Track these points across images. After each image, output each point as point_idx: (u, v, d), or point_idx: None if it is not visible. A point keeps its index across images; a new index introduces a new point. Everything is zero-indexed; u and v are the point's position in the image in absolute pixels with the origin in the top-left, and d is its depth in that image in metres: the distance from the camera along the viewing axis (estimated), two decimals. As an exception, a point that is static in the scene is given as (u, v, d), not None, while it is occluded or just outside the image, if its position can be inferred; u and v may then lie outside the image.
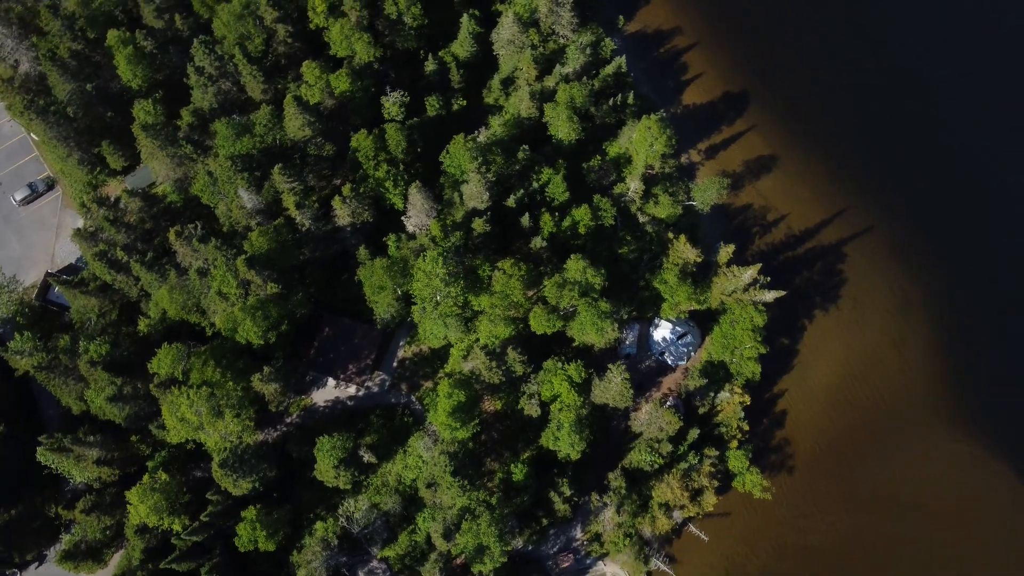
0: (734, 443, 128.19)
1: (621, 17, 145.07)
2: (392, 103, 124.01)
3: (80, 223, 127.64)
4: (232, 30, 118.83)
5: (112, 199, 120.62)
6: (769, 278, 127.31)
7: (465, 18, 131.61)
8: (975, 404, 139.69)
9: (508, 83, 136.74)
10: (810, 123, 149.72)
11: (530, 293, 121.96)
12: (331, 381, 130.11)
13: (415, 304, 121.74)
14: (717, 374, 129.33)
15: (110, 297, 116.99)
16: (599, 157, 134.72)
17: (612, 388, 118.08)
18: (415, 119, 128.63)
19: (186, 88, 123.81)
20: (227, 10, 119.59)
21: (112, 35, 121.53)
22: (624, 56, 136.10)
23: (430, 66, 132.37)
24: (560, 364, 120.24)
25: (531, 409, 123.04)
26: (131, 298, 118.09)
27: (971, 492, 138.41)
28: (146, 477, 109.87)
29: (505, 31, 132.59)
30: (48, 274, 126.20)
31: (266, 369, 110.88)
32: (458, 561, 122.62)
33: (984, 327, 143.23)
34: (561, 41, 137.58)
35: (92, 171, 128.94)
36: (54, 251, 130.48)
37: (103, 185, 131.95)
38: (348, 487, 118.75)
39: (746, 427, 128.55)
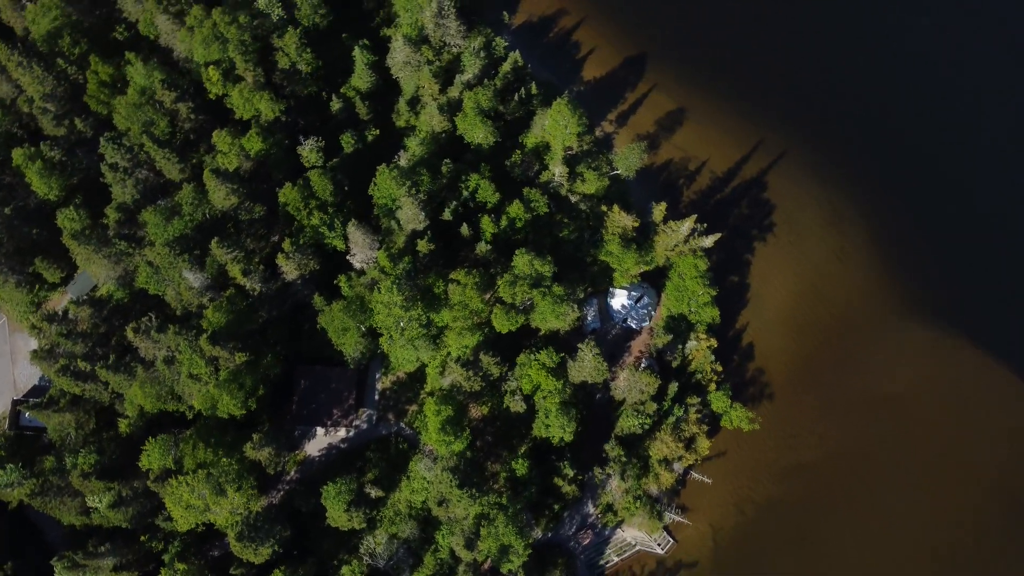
0: (712, 386, 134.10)
1: (506, 13, 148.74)
2: (309, 151, 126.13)
3: (33, 344, 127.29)
4: (134, 120, 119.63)
5: (60, 312, 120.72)
6: (705, 224, 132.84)
7: (357, 51, 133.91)
8: (921, 292, 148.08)
9: (415, 103, 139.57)
10: (706, 69, 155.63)
11: (487, 296, 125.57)
12: (319, 430, 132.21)
13: (381, 336, 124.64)
14: (680, 326, 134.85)
15: (83, 408, 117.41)
16: (519, 152, 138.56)
17: (586, 365, 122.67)
18: (335, 160, 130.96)
19: (104, 186, 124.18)
20: (124, 103, 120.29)
21: (17, 154, 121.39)
22: (518, 50, 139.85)
23: (335, 105, 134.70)
24: (532, 355, 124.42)
25: (516, 405, 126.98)
26: (104, 403, 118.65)
27: (936, 372, 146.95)
28: (165, 572, 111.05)
29: (398, 54, 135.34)
30: (15, 401, 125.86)
31: (255, 436, 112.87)
32: (486, 566, 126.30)
33: (912, 219, 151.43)
34: (454, 50, 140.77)
35: (31, 291, 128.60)
36: (14, 377, 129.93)
37: (46, 301, 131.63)
38: (363, 526, 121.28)
39: (719, 368, 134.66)
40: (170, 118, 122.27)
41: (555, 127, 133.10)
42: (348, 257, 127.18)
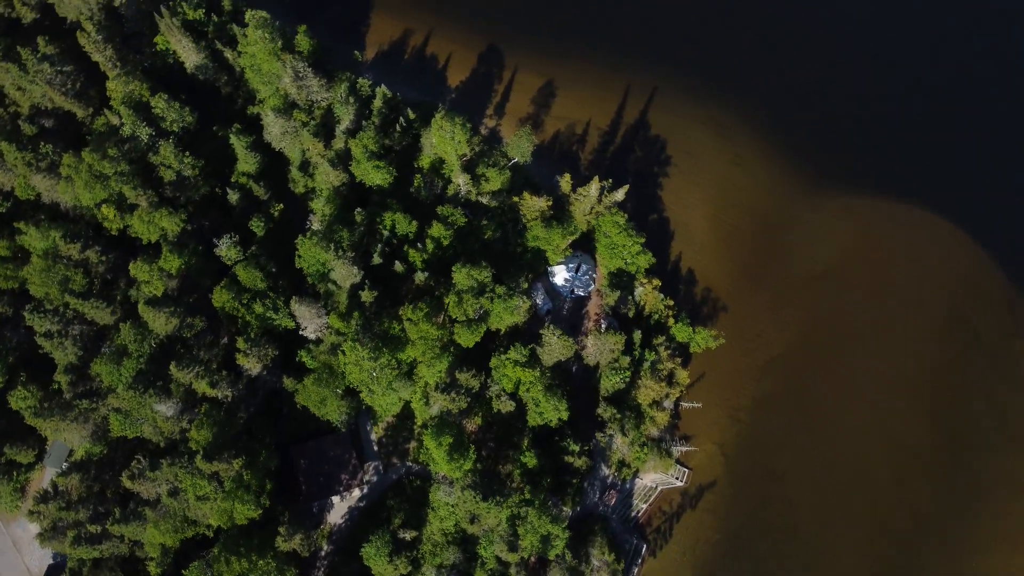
0: (671, 320, 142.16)
1: (357, 53, 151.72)
2: (226, 249, 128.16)
3: (33, 528, 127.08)
4: (49, 283, 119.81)
5: (50, 489, 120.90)
6: (610, 180, 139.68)
7: (233, 138, 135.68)
8: (818, 167, 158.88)
9: (306, 166, 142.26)
10: (553, 36, 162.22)
11: (440, 319, 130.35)
12: (335, 498, 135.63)
13: (360, 392, 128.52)
14: (623, 279, 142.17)
15: (107, 567, 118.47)
16: (418, 176, 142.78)
17: (554, 346, 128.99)
18: (252, 248, 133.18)
19: (43, 355, 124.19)
20: (33, 271, 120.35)
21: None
22: (382, 84, 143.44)
23: (233, 196, 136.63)
24: (503, 356, 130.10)
25: (505, 406, 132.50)
26: (126, 555, 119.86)
27: (859, 233, 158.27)
28: None
29: (273, 127, 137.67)
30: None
31: (281, 529, 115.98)
32: (532, 560, 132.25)
33: (788, 104, 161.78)
34: (324, 104, 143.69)
35: (11, 479, 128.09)
36: (27, 566, 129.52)
37: (28, 483, 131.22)
38: (409, 569, 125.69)
39: (671, 303, 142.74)
40: (83, 268, 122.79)
41: (443, 141, 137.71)
42: (301, 332, 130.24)
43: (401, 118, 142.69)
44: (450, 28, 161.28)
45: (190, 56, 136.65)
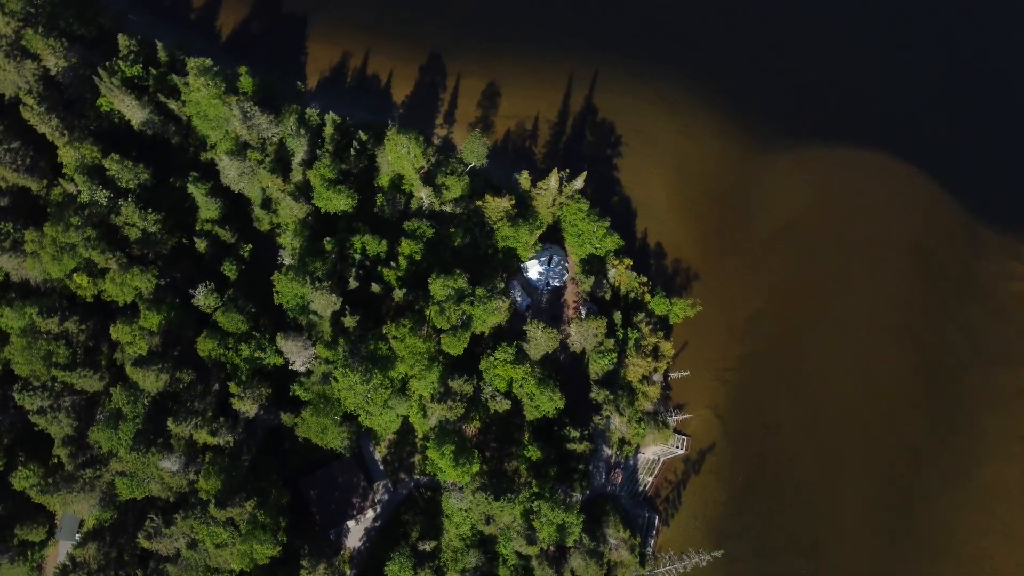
0: (647, 296, 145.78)
1: (299, 83, 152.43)
2: (203, 297, 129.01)
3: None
4: (33, 360, 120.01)
5: (68, 563, 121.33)
6: (567, 169, 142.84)
7: (191, 187, 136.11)
8: (762, 126, 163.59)
9: (268, 203, 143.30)
10: (492, 38, 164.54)
11: (425, 331, 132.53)
12: (349, 523, 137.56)
13: (358, 415, 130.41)
14: (594, 264, 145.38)
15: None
16: (380, 195, 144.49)
17: (539, 340, 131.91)
18: (229, 291, 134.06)
19: (38, 432, 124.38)
20: (14, 350, 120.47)
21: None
22: (330, 111, 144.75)
23: (201, 244, 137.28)
24: (491, 357, 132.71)
25: (501, 406, 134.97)
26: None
27: (813, 182, 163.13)
28: None
29: (230, 170, 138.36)
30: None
31: (304, 563, 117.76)
32: (551, 549, 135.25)
33: (725, 70, 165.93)
34: (276, 139, 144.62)
35: (27, 559, 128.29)
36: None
37: (44, 560, 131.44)
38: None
39: (645, 279, 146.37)
40: (64, 340, 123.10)
41: (398, 157, 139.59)
42: (290, 367, 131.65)
43: (354, 141, 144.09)
44: (387, 45, 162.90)
45: (135, 113, 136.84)
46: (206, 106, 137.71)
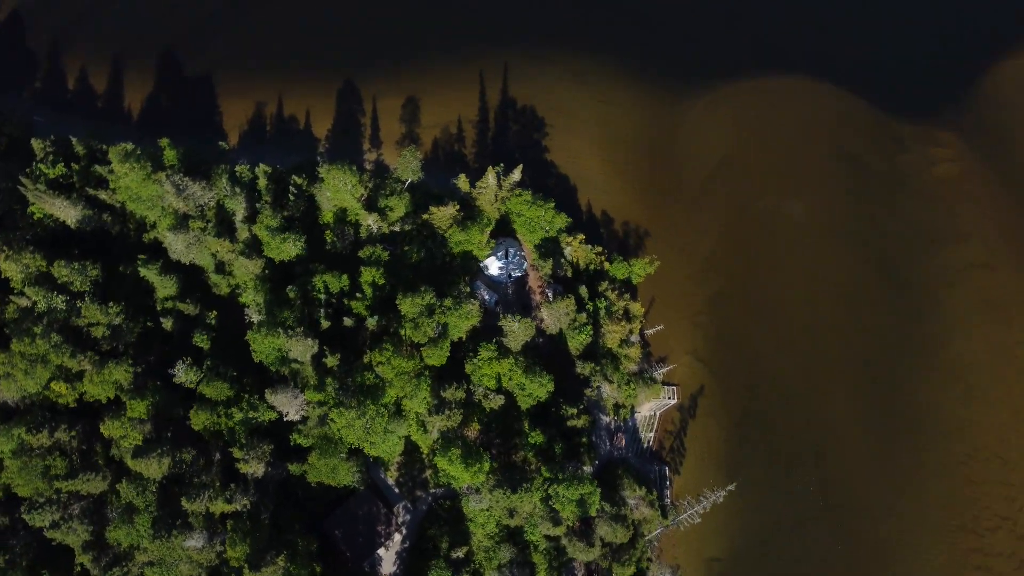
0: (606, 264, 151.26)
1: (221, 143, 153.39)
2: (184, 374, 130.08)
3: None
4: (32, 478, 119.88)
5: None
6: (502, 164, 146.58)
7: (142, 270, 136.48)
8: (674, 76, 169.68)
9: (222, 266, 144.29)
10: (396, 55, 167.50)
11: (405, 349, 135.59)
12: (379, 551, 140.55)
13: (362, 447, 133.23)
14: (549, 246, 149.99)
15: None
16: (328, 231, 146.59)
17: (517, 331, 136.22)
18: (207, 362, 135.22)
19: (57, 546, 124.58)
20: (11, 473, 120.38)
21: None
22: (260, 163, 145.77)
23: (167, 323, 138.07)
24: (475, 359, 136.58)
25: (495, 402, 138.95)
26: None
27: (737, 116, 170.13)
28: None
29: (176, 244, 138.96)
30: None
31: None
32: (577, 525, 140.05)
33: (624, 29, 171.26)
34: (213, 203, 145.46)
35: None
36: None
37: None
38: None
39: (600, 249, 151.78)
40: (58, 451, 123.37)
41: (337, 191, 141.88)
42: (285, 418, 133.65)
43: (290, 187, 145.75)
44: (297, 85, 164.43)
45: (68, 213, 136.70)
46: (137, 189, 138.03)
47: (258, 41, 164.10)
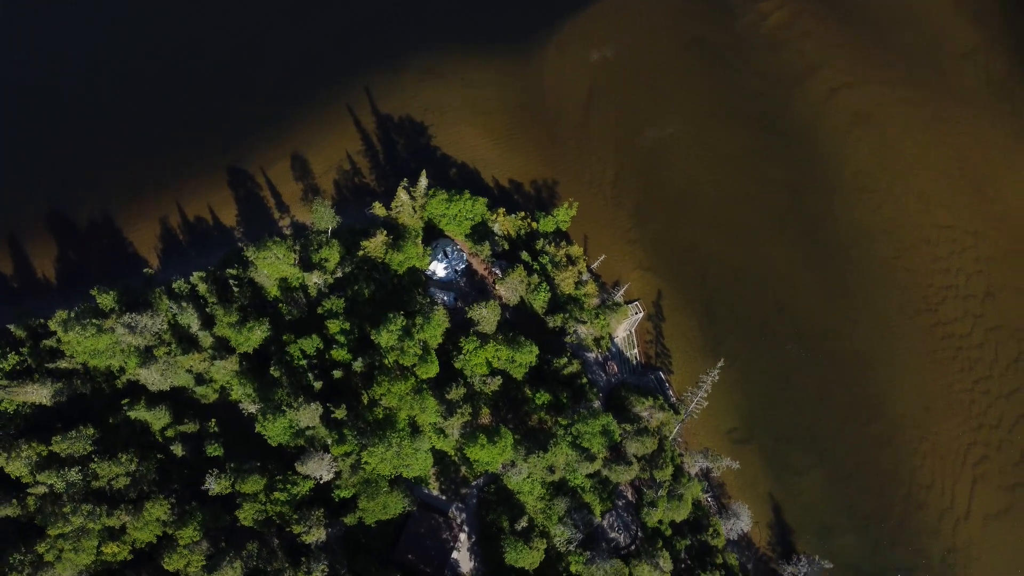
0: (533, 224, 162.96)
1: (146, 269, 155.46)
2: (216, 485, 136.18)
3: None
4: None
5: None
6: (406, 179, 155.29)
7: (132, 413, 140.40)
8: (506, 34, 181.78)
9: (202, 378, 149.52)
10: (261, 115, 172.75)
11: (398, 374, 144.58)
12: (454, 555, 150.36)
13: (401, 473, 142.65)
14: (480, 231, 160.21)
15: None
16: (280, 304, 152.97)
17: (488, 316, 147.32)
18: (229, 464, 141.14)
19: None
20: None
21: None
22: (192, 274, 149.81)
23: (176, 449, 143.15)
24: (462, 355, 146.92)
25: (494, 384, 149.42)
26: None
27: (589, 45, 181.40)
28: None
29: (152, 377, 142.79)
30: None
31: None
32: (607, 455, 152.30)
33: (448, 11, 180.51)
34: (166, 325, 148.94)
35: None
36: None
37: None
38: (545, 542, 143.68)
39: (522, 214, 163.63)
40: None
41: (271, 266, 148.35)
42: (321, 481, 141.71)
43: (229, 281, 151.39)
44: (184, 190, 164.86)
45: (39, 393, 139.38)
46: (92, 345, 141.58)
47: (133, 161, 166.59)
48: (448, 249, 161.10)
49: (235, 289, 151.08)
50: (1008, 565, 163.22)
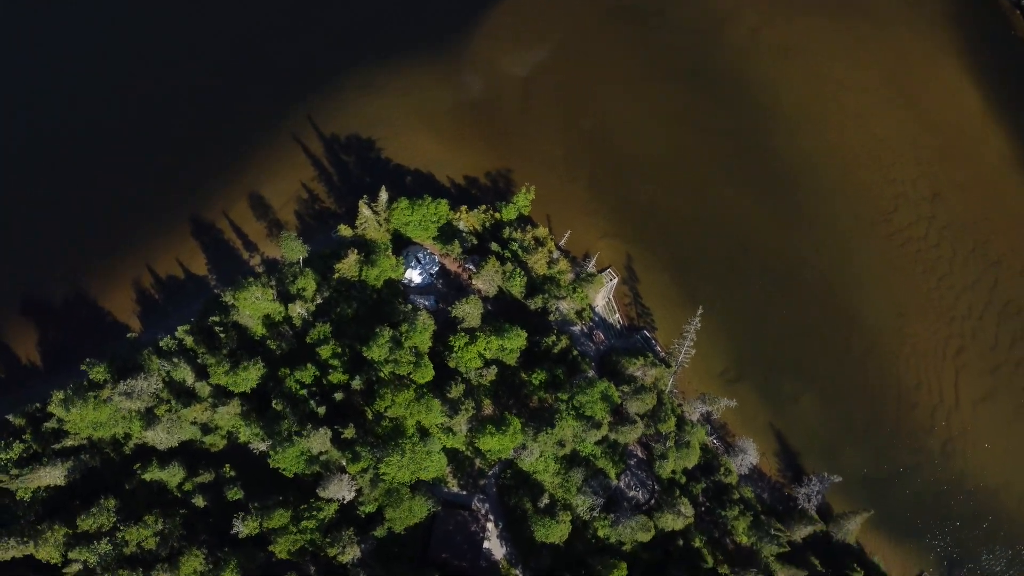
0: (497, 215, 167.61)
1: (130, 334, 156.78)
2: (245, 527, 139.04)
3: None
4: None
5: None
6: (365, 195, 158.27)
7: (146, 476, 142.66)
8: (433, 29, 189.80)
9: (207, 428, 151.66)
10: (216, 152, 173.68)
11: (396, 384, 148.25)
12: (485, 545, 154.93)
13: (420, 477, 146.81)
14: (447, 231, 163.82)
15: None
16: (269, 340, 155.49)
17: (470, 311, 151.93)
18: (252, 505, 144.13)
19: None
20: None
21: None
22: (175, 329, 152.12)
23: (198, 501, 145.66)
24: (455, 354, 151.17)
25: (490, 374, 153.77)
26: None
27: (510, 29, 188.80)
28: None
29: (159, 436, 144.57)
30: None
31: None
32: (611, 419, 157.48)
33: (381, 23, 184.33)
34: (161, 384, 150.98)
35: None
36: None
37: None
38: (570, 514, 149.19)
39: (483, 207, 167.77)
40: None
41: (253, 306, 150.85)
42: (344, 502, 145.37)
43: (214, 328, 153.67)
44: (150, 246, 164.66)
45: (53, 475, 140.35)
46: (94, 418, 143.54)
47: (94, 231, 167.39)
48: (420, 255, 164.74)
49: (221, 335, 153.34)
50: (1002, 443, 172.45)
